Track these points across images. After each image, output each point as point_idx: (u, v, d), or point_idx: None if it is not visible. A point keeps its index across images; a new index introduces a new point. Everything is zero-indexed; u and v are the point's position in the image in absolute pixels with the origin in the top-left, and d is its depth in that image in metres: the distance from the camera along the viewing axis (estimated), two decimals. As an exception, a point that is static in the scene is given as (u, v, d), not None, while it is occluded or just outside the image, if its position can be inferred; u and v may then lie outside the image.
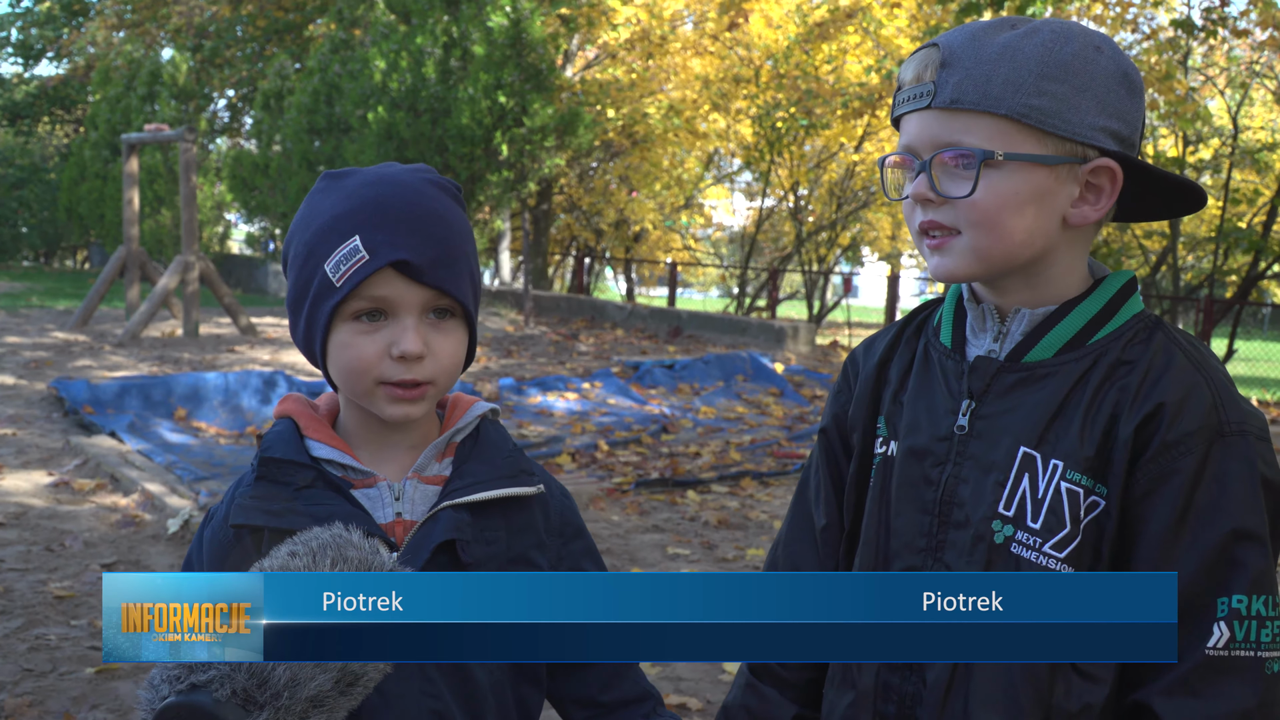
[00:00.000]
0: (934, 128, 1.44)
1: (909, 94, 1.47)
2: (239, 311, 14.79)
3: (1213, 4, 14.30)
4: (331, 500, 1.49)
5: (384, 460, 1.57)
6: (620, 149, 23.71)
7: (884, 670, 1.53)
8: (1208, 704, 1.34)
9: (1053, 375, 1.46)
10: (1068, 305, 1.49)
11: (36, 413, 8.97)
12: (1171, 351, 1.44)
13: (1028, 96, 1.39)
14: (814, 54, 20.46)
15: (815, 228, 24.44)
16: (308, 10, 27.94)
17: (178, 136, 14.32)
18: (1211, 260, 17.26)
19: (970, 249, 1.45)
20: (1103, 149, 1.44)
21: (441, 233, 1.48)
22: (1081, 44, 1.42)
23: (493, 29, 17.91)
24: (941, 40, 1.45)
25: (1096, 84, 1.42)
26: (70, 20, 35.79)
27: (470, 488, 1.53)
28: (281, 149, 24.60)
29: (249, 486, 1.52)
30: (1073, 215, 1.46)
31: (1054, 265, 1.49)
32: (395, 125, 18.13)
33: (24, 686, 3.98)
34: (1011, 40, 1.41)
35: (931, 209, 1.46)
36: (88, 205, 29.26)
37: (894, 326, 1.70)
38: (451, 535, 1.49)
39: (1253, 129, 21.47)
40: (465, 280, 1.50)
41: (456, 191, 1.56)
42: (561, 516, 1.65)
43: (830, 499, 1.69)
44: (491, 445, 1.61)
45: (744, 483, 7.49)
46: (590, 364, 12.90)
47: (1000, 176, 1.41)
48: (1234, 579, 1.36)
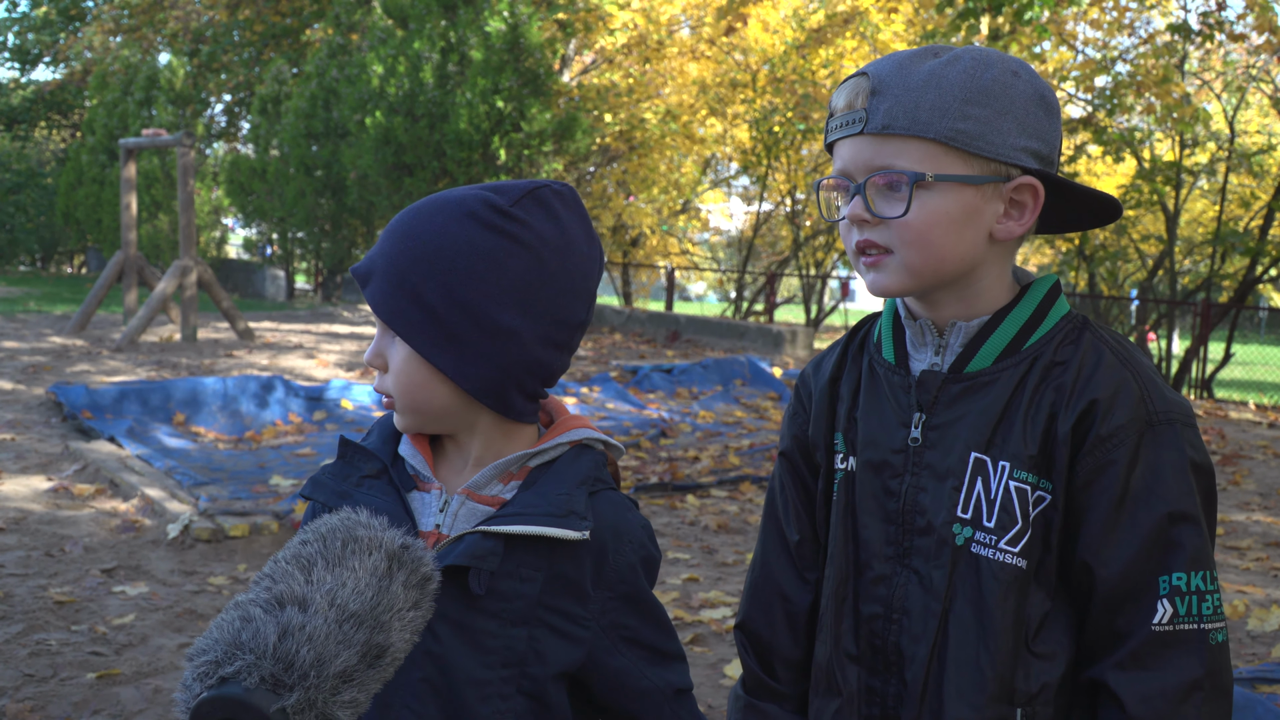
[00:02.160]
0: (867, 152, 1.52)
1: (841, 120, 1.56)
2: (237, 316, 14.79)
3: (1209, 8, 14.32)
4: (385, 495, 1.50)
5: (452, 471, 1.55)
6: (617, 154, 23.71)
7: (866, 675, 1.61)
8: (1158, 676, 1.43)
9: (994, 382, 1.55)
10: (1000, 314, 1.58)
11: (35, 418, 8.96)
12: (1100, 350, 1.53)
13: (954, 121, 1.48)
14: (811, 59, 20.48)
15: (812, 232, 24.45)
16: (305, 15, 27.97)
17: (176, 141, 14.32)
18: (1208, 264, 17.26)
19: (903, 266, 1.53)
20: (1024, 168, 1.53)
21: (390, 249, 1.47)
22: (1000, 70, 1.51)
23: (490, 34, 17.92)
24: (871, 70, 1.54)
25: (1016, 107, 1.50)
26: (67, 25, 35.81)
27: (511, 518, 1.46)
28: (279, 154, 24.64)
29: (332, 463, 1.57)
30: (999, 230, 1.55)
31: (983, 278, 1.58)
32: (393, 130, 18.14)
33: (25, 692, 3.97)
34: (936, 68, 1.50)
35: (867, 229, 1.55)
36: (85, 210, 29.26)
37: (839, 344, 1.78)
38: (465, 561, 1.42)
39: (1249, 133, 21.50)
40: (398, 299, 1.45)
41: (492, 215, 1.46)
42: (617, 573, 1.52)
43: (801, 515, 1.76)
44: (558, 477, 1.51)
45: (743, 487, 7.49)
46: (588, 368, 12.91)
47: (931, 197, 1.50)
48: (1173, 558, 1.45)
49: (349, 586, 1.26)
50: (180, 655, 4.36)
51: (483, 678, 1.45)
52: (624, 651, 1.53)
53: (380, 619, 1.26)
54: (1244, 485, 8.04)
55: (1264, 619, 4.96)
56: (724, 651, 4.59)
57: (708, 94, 22.11)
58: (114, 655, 4.35)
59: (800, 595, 1.75)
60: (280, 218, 25.62)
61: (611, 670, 1.52)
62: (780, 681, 1.76)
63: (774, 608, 1.77)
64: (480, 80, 17.76)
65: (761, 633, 1.78)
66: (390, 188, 18.89)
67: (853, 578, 1.64)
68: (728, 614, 4.98)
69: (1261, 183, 18.53)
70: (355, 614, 1.25)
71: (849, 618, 1.63)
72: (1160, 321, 17.21)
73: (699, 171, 27.69)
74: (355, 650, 1.24)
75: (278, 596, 1.25)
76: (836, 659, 1.64)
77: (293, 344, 14.30)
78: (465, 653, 1.45)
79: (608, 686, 1.52)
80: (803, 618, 1.75)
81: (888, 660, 1.58)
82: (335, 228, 24.70)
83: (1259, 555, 6.17)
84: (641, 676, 1.54)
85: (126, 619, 4.73)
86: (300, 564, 1.29)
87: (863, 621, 1.62)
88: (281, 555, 1.32)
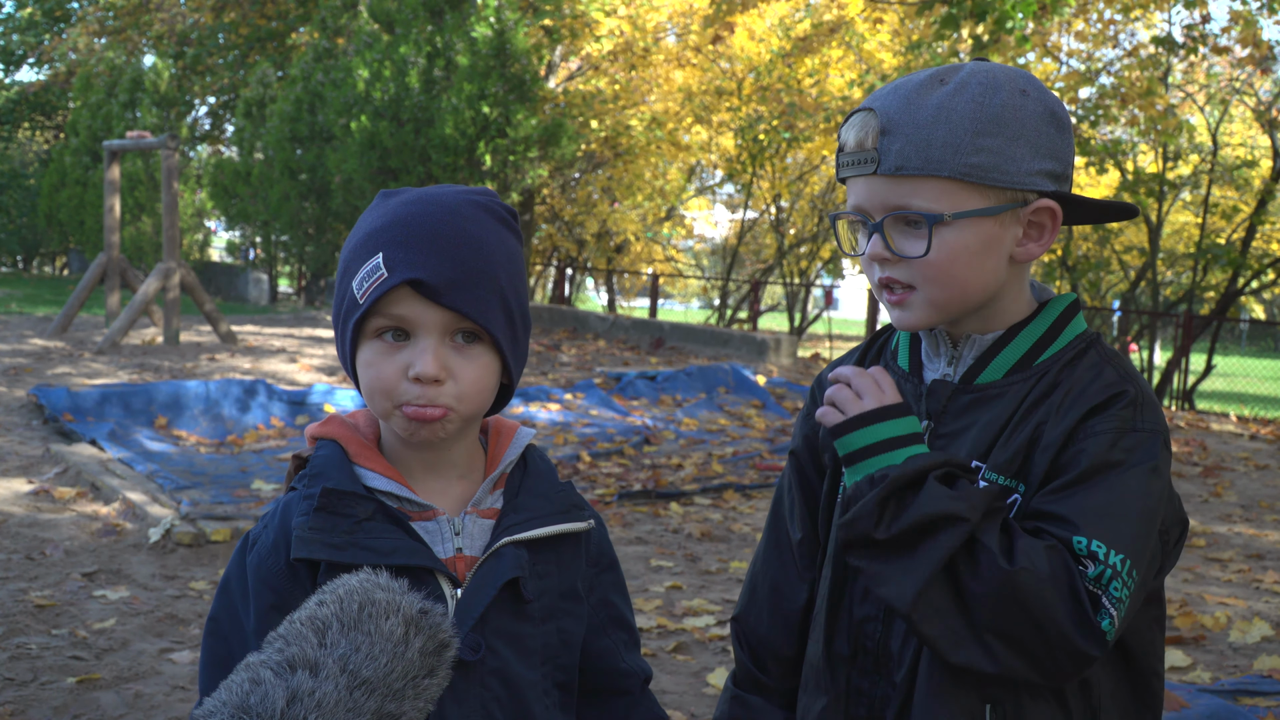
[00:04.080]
0: (882, 192, 1.53)
1: (853, 159, 1.56)
2: (219, 319, 14.74)
3: (1194, 21, 14.40)
4: (393, 534, 1.45)
5: (437, 492, 1.54)
6: (603, 160, 23.71)
7: (855, 675, 1.63)
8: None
9: (1001, 396, 1.56)
10: (1014, 329, 1.59)
11: (16, 420, 8.92)
12: (1101, 366, 1.54)
13: (967, 155, 1.48)
14: (797, 67, 20.52)
15: (797, 240, 24.51)
16: (291, 19, 27.91)
17: (160, 144, 14.28)
18: (1190, 276, 17.35)
19: (928, 302, 1.56)
20: (1040, 191, 1.53)
21: (465, 254, 1.44)
22: (1009, 91, 1.51)
23: (476, 39, 17.92)
24: (877, 105, 1.53)
25: (1028, 129, 1.51)
26: (52, 26, 35.68)
27: (528, 523, 1.52)
28: (263, 157, 24.58)
29: (307, 517, 1.45)
30: (1019, 254, 1.57)
31: (1003, 298, 1.60)
32: (378, 134, 18.12)
33: (5, 696, 3.95)
34: (944, 100, 1.50)
35: (889, 266, 1.56)
36: (68, 212, 29.17)
37: (856, 351, 1.81)
38: (515, 573, 1.48)
39: (1232, 145, 21.62)
40: (491, 305, 1.45)
41: (507, 216, 1.53)
42: (599, 547, 1.65)
43: (804, 515, 1.79)
44: (541, 477, 1.59)
45: (727, 495, 7.49)
46: (572, 375, 12.90)
47: (950, 233, 1.51)
48: (1107, 533, 1.42)
49: (363, 651, 1.25)
50: (162, 660, 4.34)
51: (533, 679, 1.51)
52: (610, 633, 1.64)
53: (393, 686, 1.25)
54: (1225, 497, 8.06)
55: (1245, 631, 4.98)
56: (707, 660, 4.58)
57: (693, 101, 22.13)
58: (94, 660, 4.33)
59: (796, 593, 1.78)
60: (264, 221, 25.56)
61: (596, 651, 1.62)
62: (770, 676, 1.80)
63: (769, 604, 1.80)
64: (466, 85, 17.75)
65: (755, 627, 1.81)
66: (375, 192, 18.84)
67: (848, 579, 1.65)
68: (710, 622, 4.98)
69: (1244, 195, 18.64)
70: (368, 680, 1.23)
71: (843, 618, 1.65)
72: (1142, 333, 17.29)
73: (684, 179, 27.72)
74: (365, 718, 1.22)
75: (289, 659, 1.23)
76: (827, 658, 1.66)
77: (275, 348, 14.26)
78: (519, 660, 1.50)
79: (591, 667, 1.62)
80: (797, 616, 1.77)
81: (877, 662, 1.60)
82: (319, 232, 24.63)
83: (1240, 567, 6.19)
84: (621, 659, 1.65)
85: (107, 623, 4.70)
86: (315, 626, 1.27)
87: (855, 623, 1.63)
88: (297, 616, 1.29)
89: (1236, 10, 14.82)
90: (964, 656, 1.41)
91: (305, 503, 1.46)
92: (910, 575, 1.41)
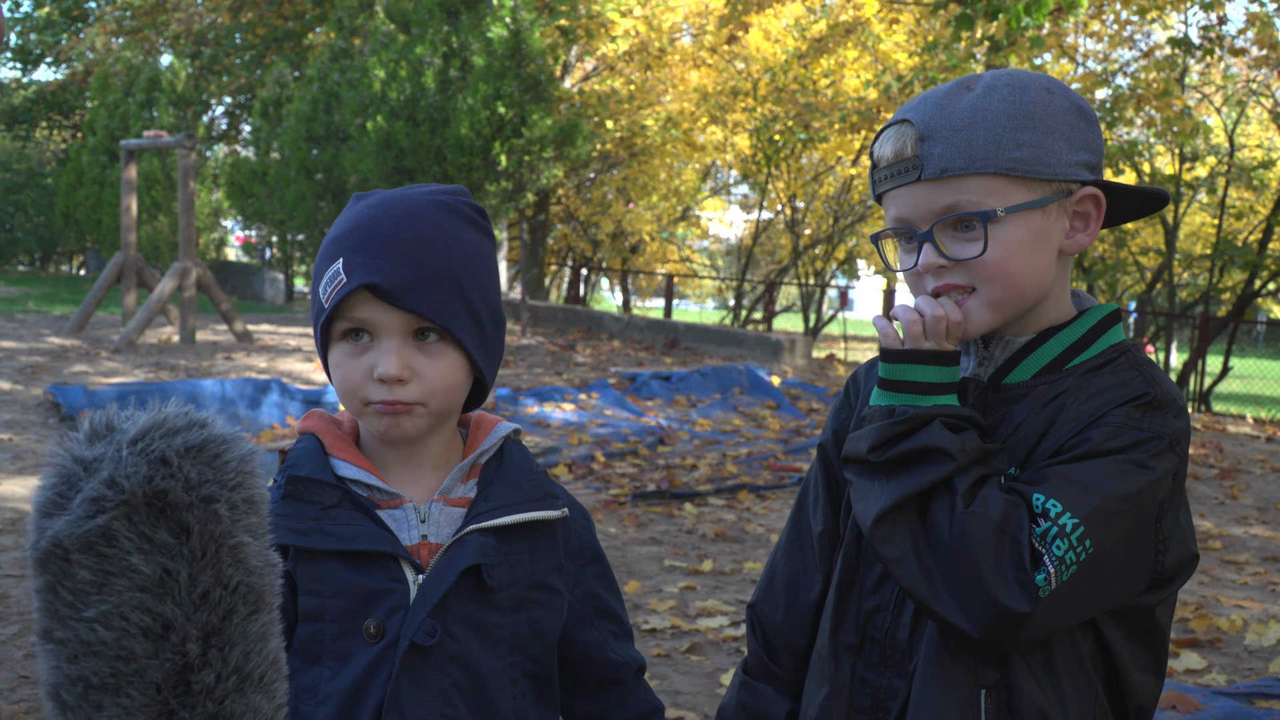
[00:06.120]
0: (928, 198, 1.54)
1: (892, 170, 1.57)
2: (235, 318, 14.79)
3: (1210, 23, 14.34)
4: (357, 521, 1.50)
5: (408, 481, 1.58)
6: (618, 160, 23.75)
7: (860, 665, 1.64)
8: None
9: (1026, 396, 1.57)
10: (1048, 332, 1.60)
11: (33, 418, 8.96)
12: (1128, 371, 1.54)
13: (1009, 150, 1.50)
14: (812, 68, 20.50)
15: (812, 240, 24.47)
16: (307, 19, 27.97)
17: (177, 143, 14.33)
18: (1207, 277, 17.29)
19: (987, 303, 1.55)
20: (1082, 181, 1.55)
21: (422, 256, 1.48)
22: (1035, 90, 1.54)
23: (492, 39, 17.93)
24: (912, 115, 1.55)
25: (1061, 123, 1.53)
26: (69, 26, 35.82)
27: (496, 511, 1.55)
28: (280, 157, 24.62)
29: (275, 504, 1.49)
30: (1068, 245, 1.59)
31: (1047, 298, 1.60)
32: (394, 135, 18.14)
33: (20, 693, 3.97)
34: (975, 102, 1.52)
35: (944, 273, 1.56)
36: (85, 211, 29.28)
37: None
38: (478, 560, 1.50)
39: (1249, 147, 21.53)
40: (451, 305, 1.49)
41: (473, 214, 1.56)
42: (580, 540, 1.67)
43: (826, 507, 1.79)
44: (516, 467, 1.62)
45: (741, 495, 7.49)
46: (587, 375, 12.91)
47: (1004, 229, 1.52)
48: (1066, 497, 1.42)
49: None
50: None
51: (497, 668, 1.53)
52: (597, 625, 1.67)
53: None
54: (1241, 499, 8.04)
55: (1261, 634, 4.96)
56: (720, 660, 4.58)
57: (709, 102, 22.12)
58: (110, 657, 4.34)
59: (812, 585, 1.79)
60: (280, 220, 25.61)
61: (584, 643, 1.65)
62: (780, 666, 1.81)
63: (785, 594, 1.82)
64: (482, 86, 17.76)
65: (770, 616, 1.83)
66: (390, 192, 18.85)
67: (859, 570, 1.67)
68: (724, 623, 4.98)
69: (1261, 197, 18.56)
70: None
71: (851, 608, 1.66)
72: (1158, 334, 17.23)
73: (699, 179, 27.73)
74: None
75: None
76: (833, 648, 1.67)
77: (291, 347, 14.30)
78: (482, 648, 1.52)
79: (580, 659, 1.65)
80: (812, 608, 1.78)
81: (884, 653, 1.61)
82: (335, 231, 24.64)
83: (1256, 570, 6.17)
84: (610, 649, 1.68)
85: (123, 621, 4.71)
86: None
87: (864, 614, 1.64)
88: None
89: (1253, 12, 14.76)
90: (909, 582, 1.45)
91: (275, 490, 1.52)
92: (884, 494, 1.48)
